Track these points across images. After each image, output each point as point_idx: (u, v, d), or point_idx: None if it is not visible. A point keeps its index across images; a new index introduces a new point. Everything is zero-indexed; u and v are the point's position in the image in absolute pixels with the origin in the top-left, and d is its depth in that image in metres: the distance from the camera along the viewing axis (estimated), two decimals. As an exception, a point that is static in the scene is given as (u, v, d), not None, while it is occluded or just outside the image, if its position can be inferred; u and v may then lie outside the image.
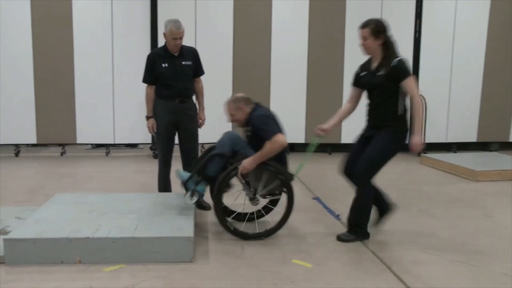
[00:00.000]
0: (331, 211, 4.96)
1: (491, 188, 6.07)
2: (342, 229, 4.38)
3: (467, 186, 6.23)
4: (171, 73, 4.78)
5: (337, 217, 4.75)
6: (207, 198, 4.54)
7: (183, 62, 4.81)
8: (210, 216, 4.73)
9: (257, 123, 4.11)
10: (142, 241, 3.56)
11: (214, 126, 6.18)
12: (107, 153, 8.03)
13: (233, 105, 4.24)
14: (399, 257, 3.80)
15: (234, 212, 4.54)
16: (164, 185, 5.04)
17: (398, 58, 3.92)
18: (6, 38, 7.52)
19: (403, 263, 3.68)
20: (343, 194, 5.63)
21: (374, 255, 3.84)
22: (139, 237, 3.57)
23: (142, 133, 7.90)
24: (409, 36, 8.30)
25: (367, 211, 4.11)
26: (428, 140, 8.42)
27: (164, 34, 4.72)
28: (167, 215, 4.10)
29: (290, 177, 4.14)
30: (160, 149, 5.00)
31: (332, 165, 7.45)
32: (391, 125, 3.98)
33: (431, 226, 4.60)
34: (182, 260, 3.58)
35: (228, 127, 8.01)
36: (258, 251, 3.87)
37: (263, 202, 4.37)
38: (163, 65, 4.76)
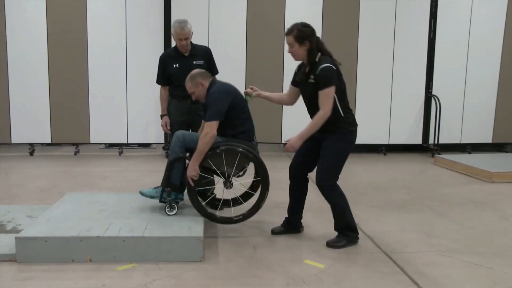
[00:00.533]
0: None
1: (507, 189, 5.98)
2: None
3: (482, 187, 6.14)
4: (183, 74, 4.75)
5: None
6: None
7: (195, 62, 4.79)
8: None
9: (208, 99, 4.05)
10: (151, 240, 3.55)
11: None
12: (120, 153, 8.06)
13: (191, 82, 4.17)
14: (412, 259, 3.75)
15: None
16: None
17: (323, 66, 3.75)
18: (21, 38, 7.60)
19: (416, 265, 3.63)
20: (356, 195, 5.59)
21: (387, 256, 3.79)
22: (148, 237, 3.56)
23: (155, 133, 7.94)
24: (424, 36, 8.22)
25: (348, 211, 4.02)
26: (442, 141, 8.34)
27: (172, 34, 4.71)
28: (177, 215, 4.08)
29: (255, 148, 4.14)
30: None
31: (344, 165, 7.40)
32: (333, 128, 3.87)
33: (445, 227, 4.53)
34: (192, 260, 3.56)
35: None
36: (270, 251, 3.84)
37: (238, 181, 4.28)
38: (174, 65, 4.76)
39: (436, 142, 8.26)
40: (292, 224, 4.28)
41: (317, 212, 4.87)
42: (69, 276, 3.32)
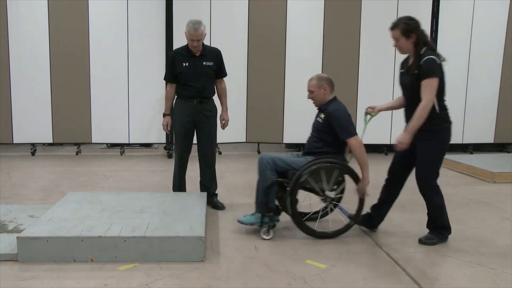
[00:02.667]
0: (345, 212, 4.90)
1: (509, 189, 5.97)
2: (357, 230, 4.32)
3: (484, 187, 6.13)
4: (191, 73, 4.77)
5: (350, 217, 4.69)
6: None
7: (204, 63, 4.79)
8: (222, 216, 4.72)
9: (337, 116, 4.12)
10: (153, 240, 3.55)
11: (230, 125, 6.15)
12: (122, 153, 8.06)
13: (317, 82, 4.27)
14: (414, 259, 3.74)
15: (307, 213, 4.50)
16: (179, 186, 5.03)
17: (427, 57, 3.81)
18: (22, 37, 7.60)
19: (418, 265, 3.63)
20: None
21: (389, 257, 3.78)
22: (150, 236, 3.56)
23: (156, 132, 7.94)
24: (426, 36, 8.20)
25: (445, 211, 4.07)
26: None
27: (185, 34, 4.71)
28: (179, 215, 4.08)
29: (345, 162, 4.19)
30: (177, 148, 4.99)
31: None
32: (428, 126, 3.87)
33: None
34: (193, 260, 3.56)
35: (242, 127, 8.01)
36: (271, 251, 3.84)
37: (333, 196, 4.28)
38: (184, 64, 4.76)
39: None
40: (371, 220, 4.33)
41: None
42: (70, 275, 3.32)
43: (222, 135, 6.11)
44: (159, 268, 3.45)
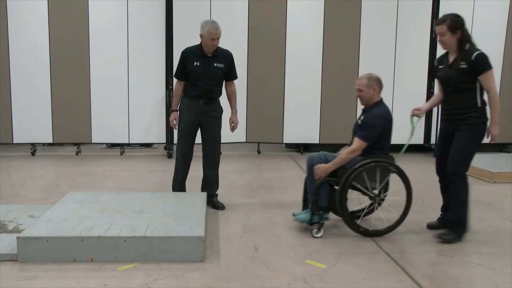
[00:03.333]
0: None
1: (509, 190, 5.97)
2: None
3: (484, 187, 6.13)
4: (201, 73, 4.78)
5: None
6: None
7: (215, 64, 4.81)
8: (222, 216, 4.72)
9: (369, 120, 4.17)
10: (153, 240, 3.55)
11: (228, 126, 6.13)
12: (122, 153, 8.06)
13: (367, 81, 4.28)
14: (414, 259, 3.74)
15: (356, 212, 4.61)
16: (180, 185, 5.03)
17: (478, 52, 3.96)
18: (22, 38, 7.60)
19: (418, 265, 3.63)
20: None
21: (389, 257, 3.78)
22: (150, 236, 3.56)
23: (156, 132, 7.94)
24: (426, 37, 8.20)
25: (467, 205, 4.13)
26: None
27: (201, 35, 4.71)
28: (179, 215, 4.08)
29: (392, 161, 4.25)
30: (180, 147, 4.98)
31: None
32: (468, 118, 4.04)
33: (447, 227, 4.52)
34: (193, 260, 3.56)
35: (242, 127, 8.00)
36: (271, 251, 3.84)
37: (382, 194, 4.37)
38: (195, 63, 4.77)
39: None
40: (447, 223, 4.37)
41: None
42: (70, 275, 3.32)
43: (222, 135, 6.12)
44: (159, 268, 3.45)
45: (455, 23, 4.07)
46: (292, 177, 6.58)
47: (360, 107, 7.91)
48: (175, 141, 5.18)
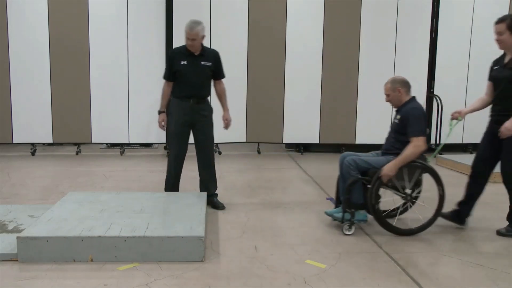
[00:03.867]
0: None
1: None
2: (357, 230, 4.32)
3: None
4: (189, 72, 4.78)
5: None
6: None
7: (202, 63, 4.81)
8: (222, 216, 4.72)
9: (409, 115, 4.21)
10: (153, 240, 3.55)
11: (230, 125, 6.11)
12: (122, 153, 8.06)
13: (391, 85, 4.37)
14: (414, 259, 3.74)
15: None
16: (173, 185, 5.01)
17: None
18: (22, 38, 7.60)
19: (418, 265, 3.63)
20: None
21: (389, 257, 3.78)
22: (150, 236, 3.56)
23: (156, 132, 7.93)
24: (425, 36, 8.21)
25: None
26: (444, 141, 8.33)
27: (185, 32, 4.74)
28: (178, 215, 4.08)
29: (425, 161, 4.34)
30: (173, 148, 5.00)
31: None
32: None
33: (448, 228, 4.52)
34: (193, 260, 3.56)
35: (242, 127, 8.00)
36: (271, 251, 3.84)
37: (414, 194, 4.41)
38: (182, 62, 4.77)
39: (438, 142, 8.25)
40: (460, 216, 4.47)
41: (319, 213, 4.87)
42: (70, 275, 3.31)
43: (222, 135, 6.11)
44: (159, 268, 3.45)
45: None
46: (292, 177, 6.58)
47: (360, 106, 7.92)
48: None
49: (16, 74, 7.66)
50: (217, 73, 4.96)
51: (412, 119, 4.19)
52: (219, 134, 5.28)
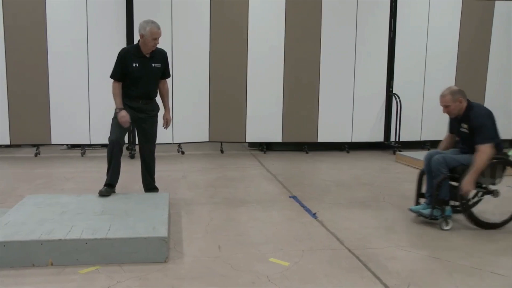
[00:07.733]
0: (308, 210, 4.96)
1: (509, 190, 6.00)
2: (319, 227, 4.38)
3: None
4: (140, 74, 4.76)
5: (314, 215, 4.75)
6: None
7: (153, 64, 4.82)
8: (185, 216, 4.70)
9: (477, 122, 4.35)
10: (115, 242, 3.51)
11: (193, 125, 6.11)
12: (83, 154, 7.92)
13: (451, 97, 4.46)
14: (375, 254, 3.82)
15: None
16: (112, 176, 4.91)
17: None
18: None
19: (379, 260, 3.70)
20: (320, 193, 5.65)
21: (350, 253, 3.85)
22: (112, 238, 3.52)
23: (117, 133, 7.82)
24: (384, 36, 8.38)
25: None
26: (403, 138, 8.53)
27: (142, 35, 4.66)
28: (141, 216, 4.05)
29: (506, 156, 4.51)
30: (112, 132, 4.81)
31: (309, 164, 7.47)
32: None
33: (406, 223, 4.63)
34: (156, 261, 3.54)
35: (205, 126, 7.97)
36: (234, 250, 3.85)
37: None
38: (134, 64, 4.74)
39: (397, 140, 8.44)
40: None
41: (281, 211, 4.90)
42: (29, 281, 3.24)
43: (184, 135, 6.10)
44: (122, 270, 3.41)
45: None
46: (255, 175, 6.60)
47: (322, 104, 7.99)
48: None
49: (-30, 74, 7.42)
50: (164, 73, 4.98)
51: (478, 128, 4.34)
52: (182, 134, 5.26)
